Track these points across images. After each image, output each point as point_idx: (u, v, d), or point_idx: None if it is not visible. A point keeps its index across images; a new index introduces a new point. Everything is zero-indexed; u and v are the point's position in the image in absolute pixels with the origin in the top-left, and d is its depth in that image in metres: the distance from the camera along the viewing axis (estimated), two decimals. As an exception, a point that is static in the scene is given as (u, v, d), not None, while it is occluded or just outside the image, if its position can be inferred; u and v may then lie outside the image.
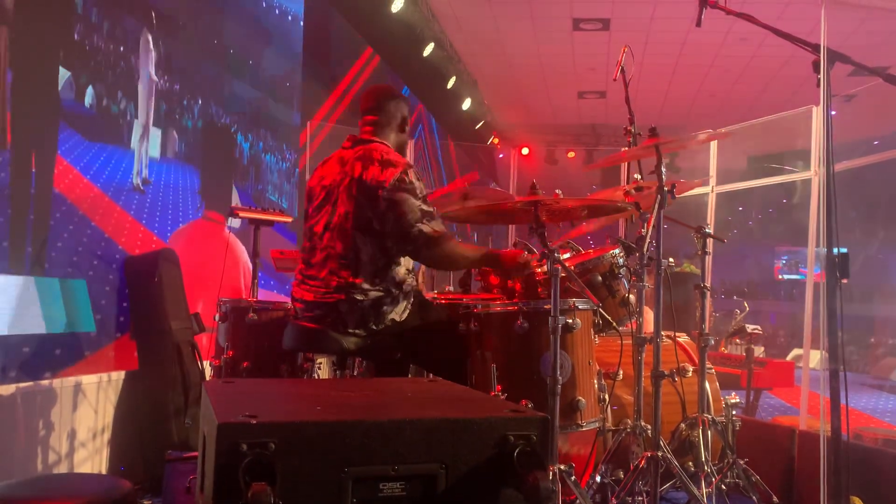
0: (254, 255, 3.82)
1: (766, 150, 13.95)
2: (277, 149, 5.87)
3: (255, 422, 1.35)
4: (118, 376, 3.87)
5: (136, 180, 4.14)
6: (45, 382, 3.38)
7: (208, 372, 3.91)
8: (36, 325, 3.34)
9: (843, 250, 2.14)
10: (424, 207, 2.72)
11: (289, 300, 3.07)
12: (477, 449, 1.46)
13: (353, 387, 2.07)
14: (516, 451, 1.47)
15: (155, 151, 4.33)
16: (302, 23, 6.29)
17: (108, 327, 3.83)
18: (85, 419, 3.64)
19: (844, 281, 2.11)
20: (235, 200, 5.21)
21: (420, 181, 2.76)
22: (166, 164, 4.43)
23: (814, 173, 4.69)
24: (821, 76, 2.17)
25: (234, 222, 5.11)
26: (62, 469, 3.48)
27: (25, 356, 3.27)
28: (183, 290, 4.16)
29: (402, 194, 2.70)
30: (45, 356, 3.40)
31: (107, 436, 3.79)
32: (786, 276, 21.90)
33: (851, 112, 11.51)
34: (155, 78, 4.31)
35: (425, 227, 2.69)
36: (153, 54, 4.30)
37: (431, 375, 3.04)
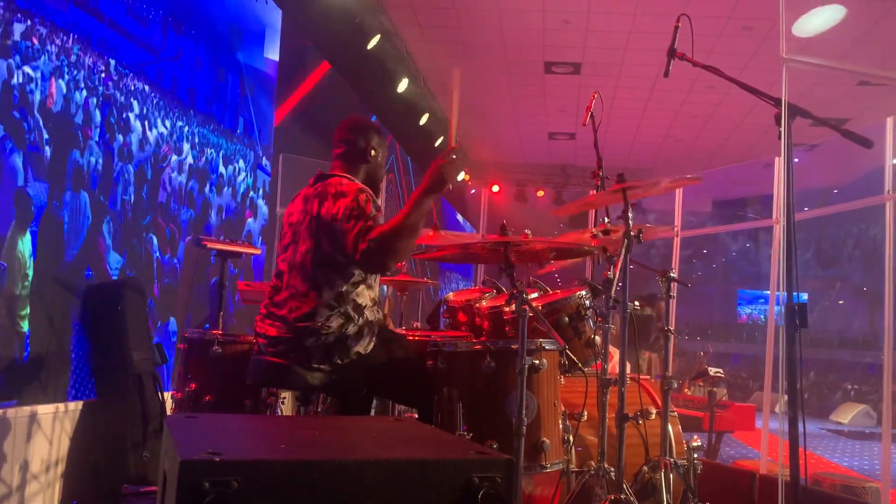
0: (220, 287, 3.79)
1: (730, 195, 14.26)
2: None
3: (218, 459, 1.33)
4: (76, 406, 3.79)
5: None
6: (-2, 411, 3.30)
7: (169, 405, 3.84)
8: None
9: (804, 297, 2.20)
10: (363, 226, 2.64)
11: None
12: (442, 490, 1.46)
13: (319, 425, 2.05)
14: (481, 493, 1.47)
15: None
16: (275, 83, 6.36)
17: (67, 356, 3.75)
18: (39, 450, 3.55)
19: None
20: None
21: (372, 202, 2.73)
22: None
23: (775, 221, 4.80)
24: (782, 130, 2.24)
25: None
26: (12, 503, 3.37)
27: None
28: (146, 320, 4.10)
29: (351, 222, 2.67)
30: (1, 384, 3.32)
31: (60, 468, 3.69)
32: (746, 313, 22.28)
33: (814, 160, 11.83)
34: (135, 125, 4.30)
35: (364, 246, 2.61)
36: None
37: (398, 411, 3.02)
